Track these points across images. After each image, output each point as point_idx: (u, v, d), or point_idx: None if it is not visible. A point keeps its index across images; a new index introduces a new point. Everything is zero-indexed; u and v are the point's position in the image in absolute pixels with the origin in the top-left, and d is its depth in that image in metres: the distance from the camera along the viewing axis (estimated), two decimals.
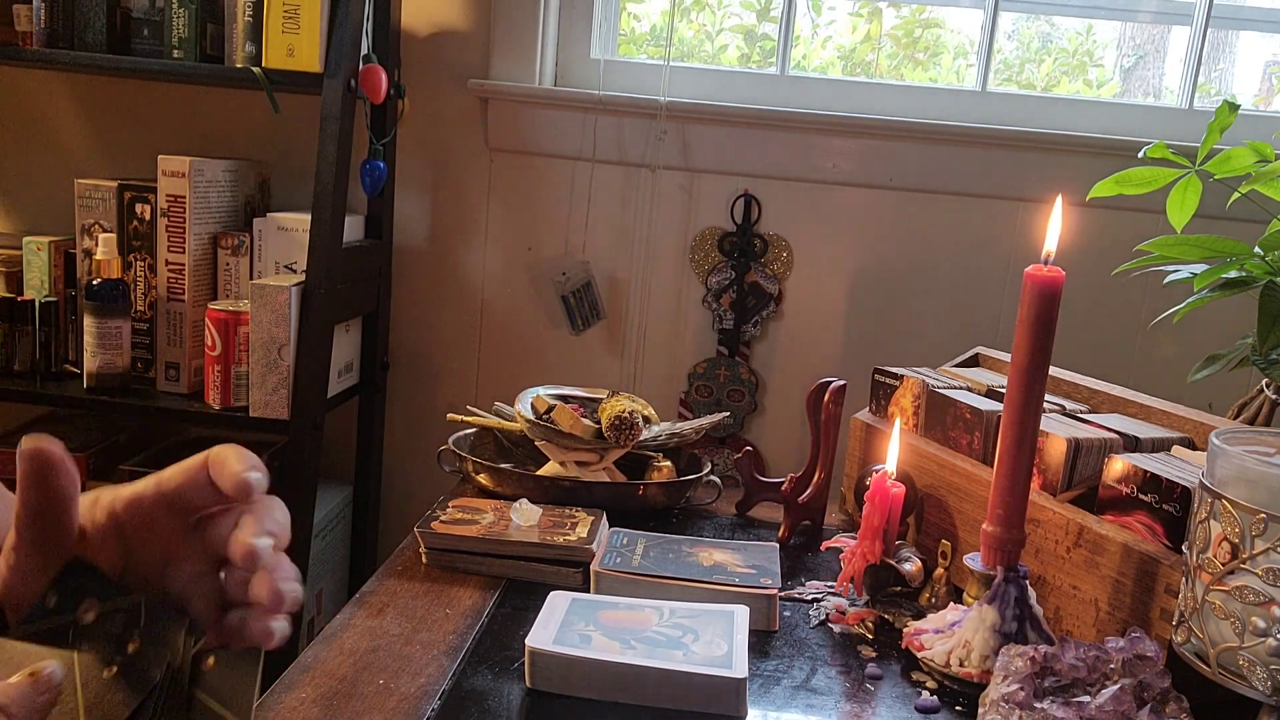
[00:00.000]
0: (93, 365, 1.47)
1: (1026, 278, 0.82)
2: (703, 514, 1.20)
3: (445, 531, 0.99)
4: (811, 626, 0.93)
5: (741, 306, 1.70)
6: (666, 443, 1.24)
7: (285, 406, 1.45)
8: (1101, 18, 1.74)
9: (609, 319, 1.74)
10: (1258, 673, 0.66)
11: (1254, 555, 0.66)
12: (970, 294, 1.67)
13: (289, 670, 0.79)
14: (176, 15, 1.46)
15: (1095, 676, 0.71)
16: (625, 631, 0.82)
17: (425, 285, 1.77)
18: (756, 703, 0.79)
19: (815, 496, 1.14)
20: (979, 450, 1.03)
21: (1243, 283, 1.09)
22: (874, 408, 1.22)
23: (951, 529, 1.03)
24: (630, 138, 1.67)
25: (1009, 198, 1.64)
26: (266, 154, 1.73)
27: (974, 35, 1.74)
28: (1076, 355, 1.62)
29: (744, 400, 1.73)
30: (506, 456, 1.28)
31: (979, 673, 0.81)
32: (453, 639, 0.86)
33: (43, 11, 1.46)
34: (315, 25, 1.41)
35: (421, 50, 1.70)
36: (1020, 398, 0.83)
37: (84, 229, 1.55)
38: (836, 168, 1.66)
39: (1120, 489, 0.86)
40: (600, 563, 0.95)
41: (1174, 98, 1.71)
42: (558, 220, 1.72)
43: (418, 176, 1.74)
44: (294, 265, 1.53)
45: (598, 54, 1.73)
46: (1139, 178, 1.16)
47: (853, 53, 1.79)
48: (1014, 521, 0.84)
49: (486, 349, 1.78)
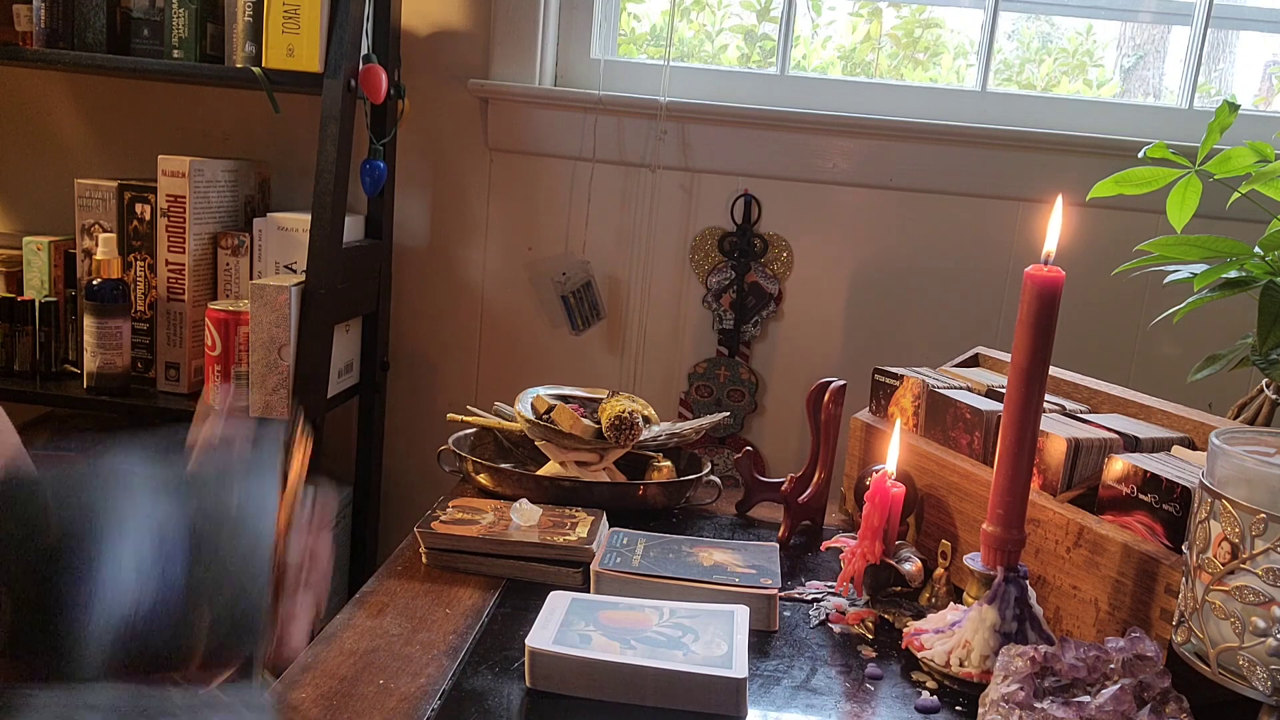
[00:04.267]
0: (93, 365, 1.47)
1: (1026, 278, 0.82)
2: (703, 514, 1.20)
3: (445, 531, 0.99)
4: (811, 626, 0.93)
5: (741, 306, 1.70)
6: (666, 443, 1.24)
7: (285, 406, 1.45)
8: (1101, 18, 1.74)
9: (609, 319, 1.74)
10: (1258, 673, 0.66)
11: (1254, 555, 0.66)
12: (970, 294, 1.67)
13: (289, 670, 0.79)
14: (176, 15, 1.46)
15: (1095, 676, 0.71)
16: (625, 631, 0.82)
17: (425, 285, 1.77)
18: (756, 703, 0.79)
19: (815, 496, 1.14)
20: (979, 450, 1.03)
21: (1243, 283, 1.09)
22: (874, 408, 1.22)
23: (951, 529, 1.03)
24: (630, 138, 1.67)
25: (1009, 198, 1.64)
26: (266, 154, 1.73)
27: (974, 35, 1.74)
28: (1076, 355, 1.62)
29: (744, 400, 1.73)
30: (506, 456, 1.28)
31: (979, 673, 0.81)
32: (453, 639, 0.86)
33: (43, 11, 1.46)
34: (315, 25, 1.41)
35: (421, 50, 1.70)
36: (1020, 398, 0.83)
37: (84, 229, 1.55)
38: (836, 168, 1.66)
39: (1120, 489, 0.86)
40: (600, 563, 0.95)
41: (1174, 98, 1.71)
42: (558, 220, 1.72)
43: (418, 176, 1.74)
44: (294, 265, 1.53)
45: (598, 54, 1.73)
46: (1139, 178, 1.16)
47: (853, 53, 1.79)
48: (1014, 521, 0.84)
49: (486, 349, 1.78)
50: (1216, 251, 1.10)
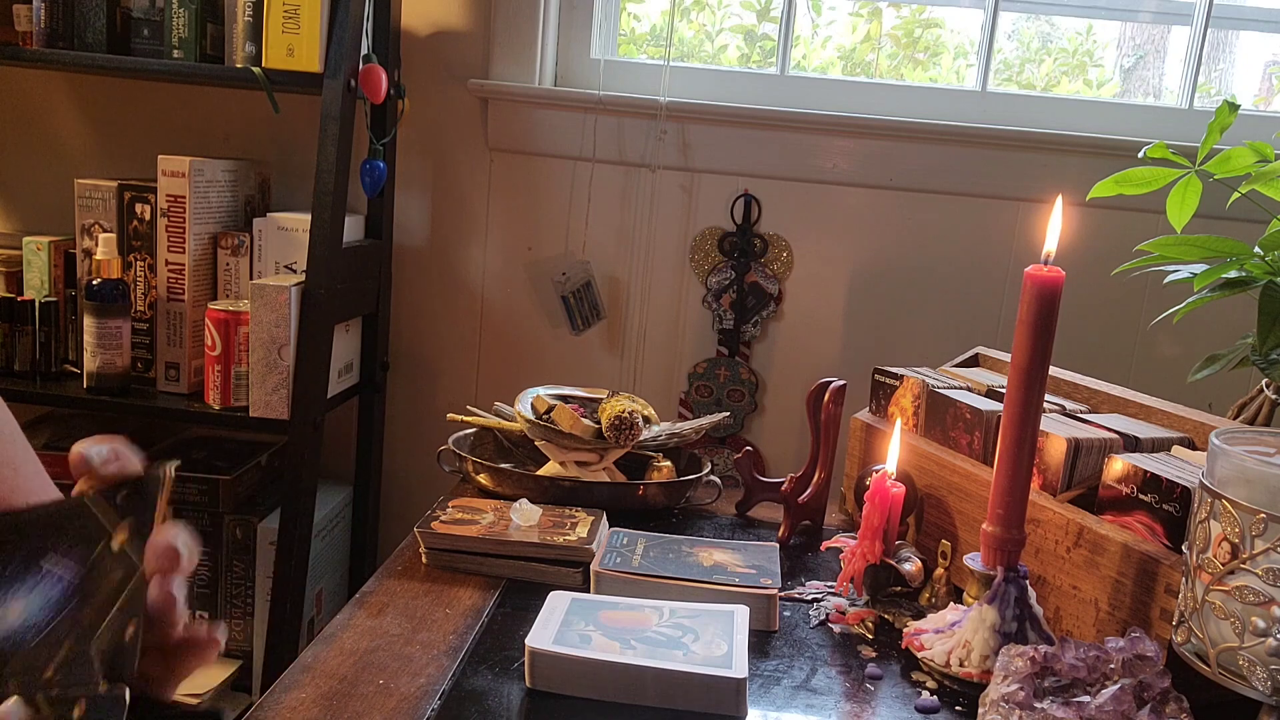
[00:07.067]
0: (93, 365, 1.47)
1: (1026, 278, 0.82)
2: (703, 514, 1.20)
3: (445, 531, 0.99)
4: (811, 626, 0.93)
5: (741, 306, 1.70)
6: (666, 443, 1.24)
7: (285, 406, 1.45)
8: (1101, 18, 1.74)
9: (609, 319, 1.74)
10: (1258, 673, 0.66)
11: (1254, 555, 0.66)
12: (970, 294, 1.67)
13: (289, 670, 0.79)
14: (176, 15, 1.46)
15: (1095, 676, 0.71)
16: (625, 631, 0.82)
17: (425, 285, 1.77)
18: (756, 703, 0.79)
19: (815, 496, 1.14)
20: (979, 450, 1.03)
21: (1243, 283, 1.09)
22: (874, 408, 1.22)
23: (951, 529, 1.03)
24: (630, 138, 1.67)
25: (1009, 198, 1.64)
26: (266, 154, 1.73)
27: (974, 35, 1.74)
28: (1076, 355, 1.62)
29: (744, 400, 1.73)
30: (506, 456, 1.28)
31: (979, 673, 0.81)
32: (453, 639, 0.86)
33: (43, 11, 1.46)
34: (315, 25, 1.41)
35: (421, 50, 1.70)
36: (1020, 398, 0.83)
37: (84, 229, 1.55)
38: (836, 168, 1.66)
39: (1120, 489, 0.86)
40: (600, 563, 0.95)
41: (1174, 98, 1.71)
42: (558, 220, 1.72)
43: (418, 176, 1.74)
44: (294, 265, 1.53)
45: (598, 54, 1.73)
46: (1139, 178, 1.16)
47: (853, 53, 1.79)
48: (1014, 521, 0.84)
49: (486, 349, 1.78)
50: (1216, 251, 1.10)
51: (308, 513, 1.47)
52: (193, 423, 1.59)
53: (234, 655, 1.58)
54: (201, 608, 1.58)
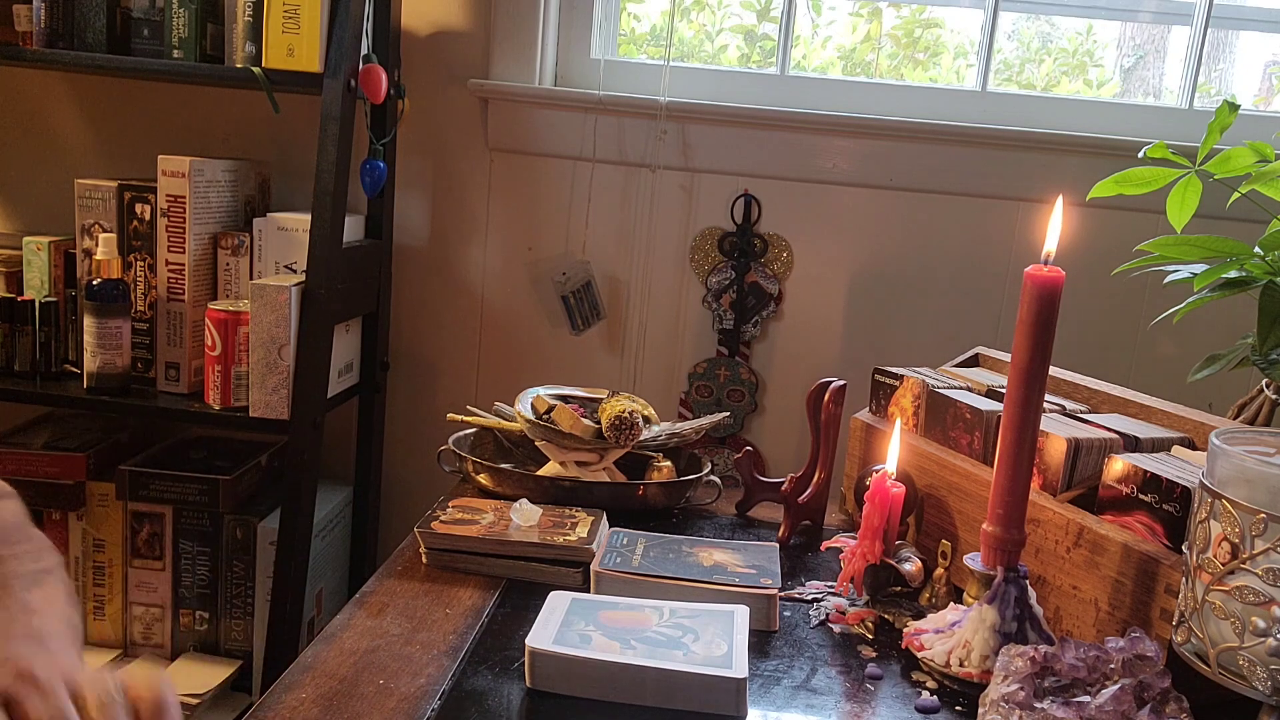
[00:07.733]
0: (93, 365, 1.47)
1: (1026, 278, 0.82)
2: (703, 514, 1.20)
3: (445, 531, 0.99)
4: (811, 626, 0.93)
5: (741, 306, 1.70)
6: (666, 443, 1.24)
7: (285, 406, 1.45)
8: (1101, 18, 1.74)
9: (609, 319, 1.74)
10: (1258, 673, 0.66)
11: (1254, 555, 0.66)
12: (970, 294, 1.67)
13: (289, 670, 0.79)
14: (176, 15, 1.46)
15: (1095, 676, 0.71)
16: (625, 631, 0.82)
17: (425, 285, 1.77)
18: (756, 703, 0.79)
19: (815, 496, 1.14)
20: (979, 450, 1.03)
21: (1243, 283, 1.09)
22: (874, 408, 1.22)
23: (951, 529, 1.03)
24: (630, 138, 1.67)
25: (1009, 198, 1.64)
26: (266, 154, 1.73)
27: (974, 35, 1.74)
28: (1076, 355, 1.62)
29: (744, 400, 1.73)
30: (506, 456, 1.28)
31: (979, 673, 0.81)
32: (453, 639, 0.86)
33: (43, 11, 1.46)
34: (315, 25, 1.41)
35: (421, 50, 1.70)
36: (1020, 398, 0.83)
37: (84, 229, 1.55)
38: (836, 168, 1.66)
39: (1120, 489, 0.86)
40: (600, 563, 0.95)
41: (1174, 98, 1.71)
42: (558, 220, 1.72)
43: (418, 176, 1.74)
44: (294, 265, 1.53)
45: (598, 54, 1.73)
46: (1139, 178, 1.16)
47: (853, 53, 1.79)
48: (1014, 521, 0.84)
49: (486, 349, 1.78)
50: (1216, 251, 1.10)
51: (308, 513, 1.47)
52: (193, 423, 1.59)
53: (234, 655, 1.58)
54: (201, 608, 1.58)
